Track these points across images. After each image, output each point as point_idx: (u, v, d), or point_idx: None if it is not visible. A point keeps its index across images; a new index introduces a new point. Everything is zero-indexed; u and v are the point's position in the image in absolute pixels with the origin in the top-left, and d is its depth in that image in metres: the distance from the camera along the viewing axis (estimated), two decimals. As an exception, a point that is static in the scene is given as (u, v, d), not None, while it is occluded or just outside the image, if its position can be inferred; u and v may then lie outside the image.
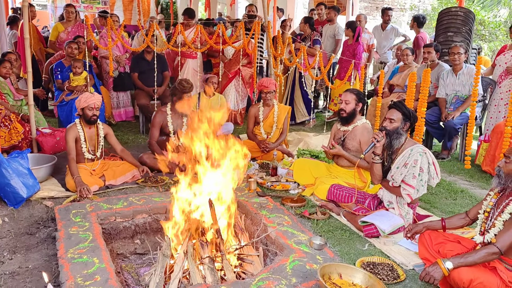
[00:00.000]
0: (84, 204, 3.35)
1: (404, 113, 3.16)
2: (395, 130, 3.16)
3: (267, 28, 6.40)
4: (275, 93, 5.02)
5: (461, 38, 6.26)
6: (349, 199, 3.51)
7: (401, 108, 3.18)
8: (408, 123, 3.18)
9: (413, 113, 3.22)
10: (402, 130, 3.17)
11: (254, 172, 4.43)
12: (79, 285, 2.28)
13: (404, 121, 3.17)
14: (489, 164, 4.66)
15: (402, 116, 3.16)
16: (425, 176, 3.08)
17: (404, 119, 3.16)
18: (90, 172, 3.93)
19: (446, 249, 2.55)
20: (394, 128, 3.16)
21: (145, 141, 5.56)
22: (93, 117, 3.90)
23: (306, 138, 5.88)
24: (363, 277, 2.44)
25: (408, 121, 3.18)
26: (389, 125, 3.18)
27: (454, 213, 3.45)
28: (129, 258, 3.16)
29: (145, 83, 6.10)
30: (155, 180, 4.06)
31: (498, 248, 2.26)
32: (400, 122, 3.16)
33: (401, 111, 3.17)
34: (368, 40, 7.12)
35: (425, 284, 2.48)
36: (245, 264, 2.81)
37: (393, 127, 3.17)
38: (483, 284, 2.27)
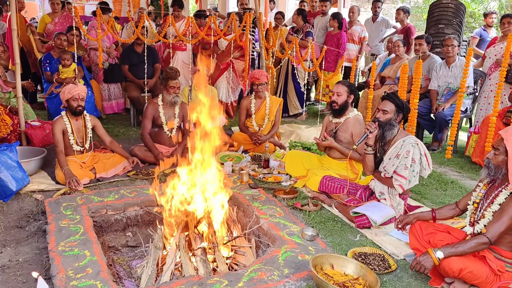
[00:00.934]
0: (75, 197, 3.32)
1: (397, 104, 3.16)
2: (388, 122, 3.16)
3: (259, 20, 6.35)
4: (266, 85, 5.01)
5: (452, 30, 6.29)
6: (340, 190, 3.53)
7: (394, 99, 3.18)
8: (401, 114, 3.19)
9: (406, 104, 3.23)
10: (395, 121, 3.17)
11: (246, 164, 4.43)
12: (70, 278, 2.27)
13: (397, 112, 3.17)
14: (479, 155, 4.71)
15: (395, 107, 3.16)
16: (417, 167, 3.10)
17: (397, 110, 3.17)
18: (80, 164, 3.89)
19: (436, 239, 2.57)
20: (387, 120, 3.17)
21: (137, 133, 5.52)
22: (78, 108, 3.86)
23: (298, 130, 5.89)
24: (355, 267, 2.46)
25: (401, 113, 3.18)
26: (382, 116, 3.18)
27: (445, 203, 3.48)
28: (120, 251, 3.15)
29: (136, 75, 6.03)
30: (146, 172, 4.04)
31: (488, 238, 2.29)
32: (393, 113, 3.16)
33: (394, 102, 3.17)
34: (360, 33, 7.11)
35: (415, 273, 2.51)
36: (237, 255, 2.81)
37: (386, 118, 3.17)
38: (473, 273, 2.31)
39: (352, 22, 7.06)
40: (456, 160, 4.86)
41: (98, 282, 2.25)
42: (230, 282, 2.30)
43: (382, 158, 3.23)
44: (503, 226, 2.27)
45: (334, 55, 6.64)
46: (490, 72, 5.35)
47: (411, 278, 2.50)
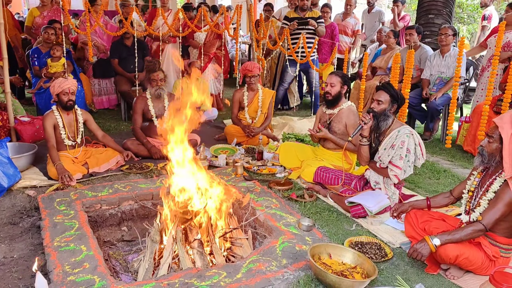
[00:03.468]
0: (68, 192, 3.29)
1: (392, 95, 3.16)
2: (383, 112, 3.16)
3: (250, 12, 6.31)
4: (259, 77, 4.99)
5: (441, 20, 6.32)
6: (335, 181, 3.54)
7: (389, 89, 3.18)
8: (396, 105, 3.19)
9: (401, 94, 3.23)
10: (390, 112, 3.18)
11: (240, 157, 4.41)
12: (67, 273, 2.24)
13: (392, 103, 3.17)
14: (470, 144, 4.76)
15: (390, 97, 3.16)
16: (412, 157, 3.12)
17: (392, 101, 3.17)
18: (72, 160, 3.85)
19: (432, 227, 2.59)
20: (381, 110, 3.17)
21: (128, 128, 5.47)
22: (69, 102, 3.81)
23: (290, 122, 5.88)
24: (352, 256, 2.47)
25: (396, 103, 3.18)
26: (377, 107, 3.18)
27: (438, 192, 3.52)
28: (116, 246, 3.13)
29: (126, 69, 5.97)
30: (139, 166, 4.00)
31: (484, 225, 2.31)
32: (387, 104, 3.16)
33: (389, 93, 3.17)
34: (354, 26, 7.10)
35: (412, 261, 2.53)
36: (234, 247, 2.81)
37: (380, 108, 3.17)
38: (469, 259, 2.33)
39: (347, 14, 7.04)
40: (448, 149, 4.90)
41: (96, 276, 2.23)
42: (229, 273, 2.30)
43: (377, 149, 3.24)
44: (498, 213, 2.30)
45: (328, 47, 6.64)
46: (488, 63, 5.25)
47: (407, 265, 2.53)
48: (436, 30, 6.28)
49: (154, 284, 2.19)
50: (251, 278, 2.26)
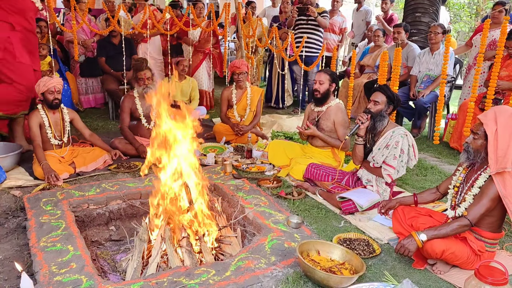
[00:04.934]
0: (55, 192, 3.25)
1: (388, 96, 3.21)
2: (379, 113, 3.21)
3: (238, 10, 6.30)
4: (247, 74, 4.98)
5: (428, 19, 6.38)
6: (326, 177, 3.56)
7: (386, 91, 3.23)
8: (392, 106, 3.24)
9: (397, 96, 3.29)
10: (386, 113, 3.22)
11: (228, 155, 4.41)
12: (54, 273, 2.22)
13: (388, 104, 3.22)
14: (456, 140, 4.82)
15: (386, 99, 3.21)
16: (405, 157, 3.17)
17: (388, 102, 3.22)
18: (59, 159, 3.80)
19: (419, 223, 2.62)
20: (378, 111, 3.22)
21: (116, 127, 5.43)
22: (55, 101, 3.77)
23: (279, 120, 5.89)
24: (341, 252, 2.48)
25: (392, 104, 3.23)
26: (373, 108, 3.23)
27: (425, 188, 3.55)
28: (104, 245, 3.10)
29: (113, 67, 5.91)
30: (127, 165, 3.97)
31: (469, 220, 2.34)
32: (384, 104, 3.21)
33: (385, 94, 3.22)
34: (341, 23, 7.13)
35: (399, 256, 2.56)
36: (223, 245, 2.81)
37: (377, 109, 3.22)
38: (455, 254, 2.36)
39: (334, 12, 7.07)
40: (434, 146, 4.96)
41: (83, 276, 2.20)
42: (218, 271, 2.30)
43: (372, 149, 3.28)
44: (483, 208, 2.33)
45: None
46: (475, 61, 5.29)
47: (395, 261, 2.55)
48: (423, 28, 6.34)
49: (143, 283, 2.18)
50: (240, 276, 2.26)
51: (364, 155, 3.36)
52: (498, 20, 5.01)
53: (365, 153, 3.35)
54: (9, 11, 3.93)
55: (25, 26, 4.09)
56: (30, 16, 4.15)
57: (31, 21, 4.18)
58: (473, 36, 5.71)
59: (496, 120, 2.31)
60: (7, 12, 3.93)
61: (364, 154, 3.35)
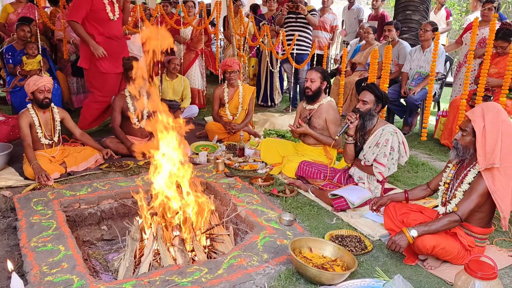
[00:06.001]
0: (45, 192, 3.22)
1: (376, 94, 3.22)
2: (368, 112, 3.23)
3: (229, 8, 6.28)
4: (239, 73, 4.98)
5: (419, 16, 6.43)
6: (318, 175, 3.57)
7: (373, 90, 3.24)
8: (380, 104, 3.25)
9: (385, 94, 3.30)
10: (375, 111, 3.24)
11: (221, 153, 4.40)
12: (45, 274, 2.20)
13: (377, 102, 3.23)
14: (447, 137, 4.85)
15: (374, 97, 3.22)
16: (396, 154, 3.18)
17: (377, 100, 3.23)
18: (49, 159, 3.77)
19: (410, 219, 2.64)
20: (367, 110, 3.23)
21: (107, 126, 5.38)
22: (45, 100, 3.73)
23: (271, 118, 5.90)
24: (333, 249, 2.50)
25: (381, 103, 3.25)
26: (362, 107, 3.24)
27: (416, 185, 3.58)
28: (96, 245, 3.09)
29: (104, 66, 5.86)
30: (119, 164, 3.95)
31: (459, 216, 2.36)
32: (372, 103, 3.22)
33: (373, 93, 3.23)
34: (332, 21, 7.15)
35: (391, 252, 2.57)
36: (216, 243, 2.81)
37: (366, 108, 3.23)
38: (445, 249, 2.39)
39: (325, 9, 7.08)
40: (425, 143, 5.00)
41: (75, 276, 2.19)
42: (210, 269, 2.30)
43: (362, 147, 3.30)
44: (472, 204, 2.35)
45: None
46: (465, 59, 5.36)
47: (386, 257, 2.57)
48: (413, 26, 6.38)
49: (135, 282, 2.17)
50: (232, 274, 2.26)
51: (355, 154, 3.38)
52: (487, 18, 5.05)
53: (356, 152, 3.37)
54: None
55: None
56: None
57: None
58: (463, 34, 5.75)
59: (483, 117, 2.34)
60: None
61: (355, 153, 3.37)
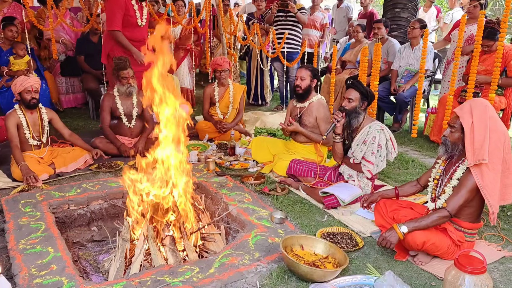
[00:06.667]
0: (34, 193, 3.18)
1: (361, 92, 3.23)
2: (354, 110, 3.23)
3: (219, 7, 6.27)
4: (229, 71, 4.96)
5: (407, 14, 6.47)
6: (308, 173, 3.58)
7: (358, 87, 3.24)
8: (366, 101, 3.26)
9: (371, 91, 3.30)
10: (360, 109, 3.24)
11: (212, 152, 4.39)
12: (34, 276, 2.17)
13: (362, 100, 3.24)
14: (436, 134, 4.89)
15: (360, 95, 3.23)
16: (384, 151, 3.20)
17: (362, 98, 3.23)
18: (38, 160, 3.72)
19: (400, 215, 2.66)
20: (352, 108, 3.23)
21: (96, 126, 5.35)
22: (33, 100, 3.69)
23: (262, 117, 5.89)
24: (324, 246, 2.50)
25: (366, 100, 3.25)
26: (348, 105, 3.25)
27: (407, 181, 3.59)
28: (86, 246, 3.06)
29: (93, 66, 5.82)
30: (109, 165, 3.92)
31: (448, 211, 2.38)
32: (358, 101, 3.23)
33: (358, 90, 3.23)
34: (322, 19, 7.16)
35: (382, 249, 2.59)
36: (207, 243, 2.80)
37: (351, 106, 3.24)
38: (435, 245, 2.40)
39: (314, 8, 7.09)
40: (415, 140, 5.04)
41: (64, 278, 2.17)
42: (201, 269, 2.29)
43: (351, 145, 3.31)
44: (461, 199, 2.37)
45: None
46: (453, 56, 5.40)
47: (377, 254, 2.58)
48: (402, 23, 6.42)
49: (125, 283, 2.15)
50: (224, 273, 2.25)
51: (344, 152, 3.38)
52: (474, 15, 5.09)
53: (345, 150, 3.38)
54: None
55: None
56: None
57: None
58: (451, 31, 5.78)
59: (471, 113, 2.36)
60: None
61: (344, 151, 3.38)
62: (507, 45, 4.58)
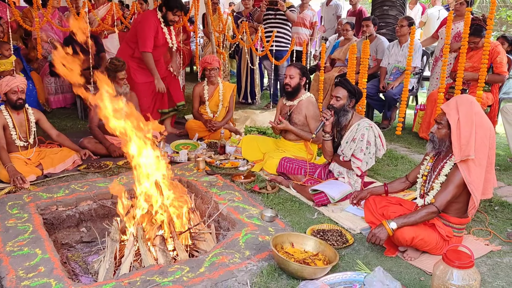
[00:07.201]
0: (21, 195, 3.14)
1: (349, 90, 3.24)
2: (342, 108, 3.25)
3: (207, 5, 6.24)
4: (219, 70, 4.95)
5: (396, 12, 6.51)
6: (299, 171, 3.59)
7: (346, 85, 3.25)
8: (354, 99, 3.27)
9: (358, 89, 3.32)
10: (348, 107, 3.26)
11: (202, 151, 4.37)
12: (21, 278, 2.15)
13: (350, 98, 3.25)
14: (425, 131, 4.93)
15: (347, 93, 3.24)
16: (373, 148, 3.22)
17: (350, 96, 3.25)
18: (25, 161, 3.67)
19: (390, 212, 2.67)
20: (340, 106, 3.25)
21: (85, 126, 5.30)
22: (19, 101, 3.64)
23: (252, 115, 5.89)
24: (314, 244, 2.51)
25: (354, 98, 3.27)
26: (336, 103, 3.26)
27: (396, 178, 3.62)
28: (75, 248, 3.03)
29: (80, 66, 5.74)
30: (98, 165, 3.88)
31: (436, 207, 2.41)
32: (346, 99, 3.24)
33: (346, 88, 3.24)
34: (311, 17, 7.17)
35: (372, 245, 2.60)
36: (198, 242, 2.79)
37: (339, 104, 3.25)
38: (424, 240, 2.43)
39: (304, 6, 7.10)
40: (404, 137, 5.07)
41: (52, 279, 2.14)
42: (192, 268, 2.28)
43: (340, 143, 3.32)
44: (449, 195, 2.40)
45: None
46: (441, 53, 5.44)
47: (367, 250, 2.59)
48: (390, 21, 6.46)
49: (115, 284, 2.14)
50: (214, 272, 2.25)
51: (334, 149, 3.40)
52: (460, 12, 5.14)
53: (334, 147, 3.39)
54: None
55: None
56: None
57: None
58: (439, 28, 5.84)
59: (458, 109, 2.38)
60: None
61: (334, 148, 3.40)
62: (493, 42, 4.64)
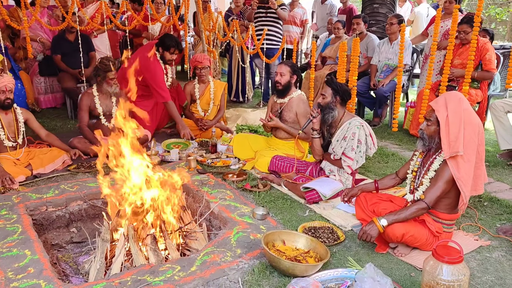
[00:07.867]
0: (10, 196, 3.11)
1: (333, 88, 3.27)
2: (327, 105, 3.27)
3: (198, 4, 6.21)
4: (209, 68, 4.93)
5: (386, 9, 6.54)
6: (290, 169, 3.59)
7: (330, 84, 3.30)
8: (338, 97, 3.29)
9: (343, 87, 3.33)
10: (333, 104, 3.28)
11: (193, 150, 4.36)
12: (10, 280, 2.13)
13: (334, 95, 3.27)
14: (415, 127, 4.96)
15: (332, 91, 3.26)
16: (363, 147, 3.23)
17: (334, 94, 3.27)
18: (14, 161, 3.63)
19: (380, 208, 2.69)
20: (326, 103, 3.28)
21: (75, 126, 5.25)
22: (7, 101, 3.60)
23: (244, 114, 5.88)
24: (306, 241, 2.51)
25: (338, 95, 3.29)
26: (322, 101, 3.30)
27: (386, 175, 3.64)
28: (65, 248, 3.00)
29: (70, 65, 5.70)
30: (88, 165, 3.85)
31: (426, 203, 2.42)
32: (330, 97, 3.27)
33: (330, 86, 3.27)
34: (302, 15, 7.17)
35: (363, 242, 2.61)
36: (189, 241, 2.78)
37: (324, 102, 3.29)
38: (414, 236, 2.44)
39: (294, 4, 7.09)
40: (395, 134, 5.10)
41: (42, 280, 2.13)
42: (183, 267, 2.27)
43: (331, 141, 3.33)
44: (439, 191, 2.41)
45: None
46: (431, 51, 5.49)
47: (358, 247, 2.61)
48: (380, 19, 6.49)
49: (105, 284, 2.12)
50: (206, 270, 2.25)
51: (325, 148, 3.42)
52: (449, 10, 5.18)
53: (325, 146, 3.41)
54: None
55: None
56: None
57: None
58: (428, 26, 5.88)
59: (446, 106, 2.40)
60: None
61: (324, 147, 3.41)
62: (482, 39, 4.68)
